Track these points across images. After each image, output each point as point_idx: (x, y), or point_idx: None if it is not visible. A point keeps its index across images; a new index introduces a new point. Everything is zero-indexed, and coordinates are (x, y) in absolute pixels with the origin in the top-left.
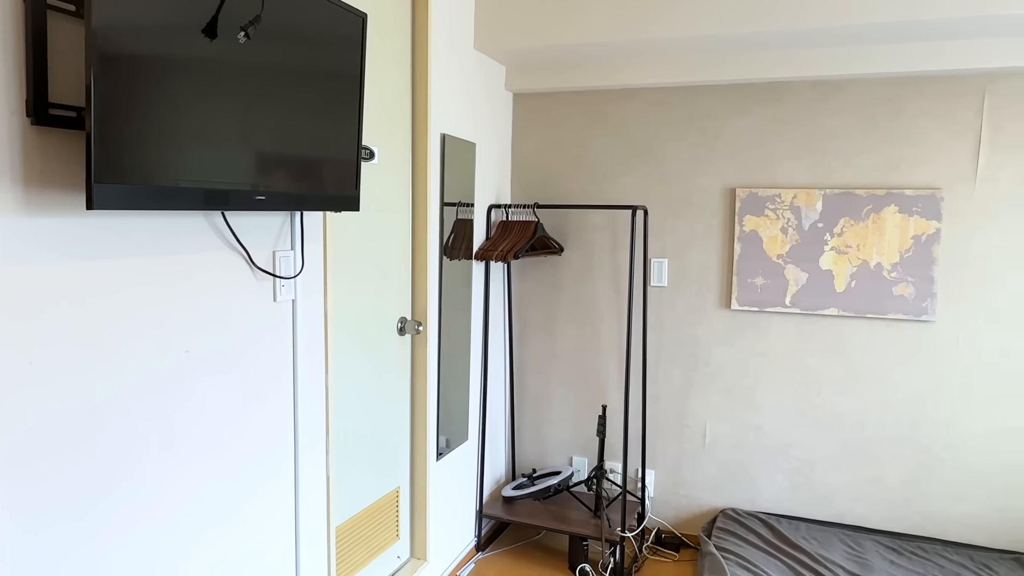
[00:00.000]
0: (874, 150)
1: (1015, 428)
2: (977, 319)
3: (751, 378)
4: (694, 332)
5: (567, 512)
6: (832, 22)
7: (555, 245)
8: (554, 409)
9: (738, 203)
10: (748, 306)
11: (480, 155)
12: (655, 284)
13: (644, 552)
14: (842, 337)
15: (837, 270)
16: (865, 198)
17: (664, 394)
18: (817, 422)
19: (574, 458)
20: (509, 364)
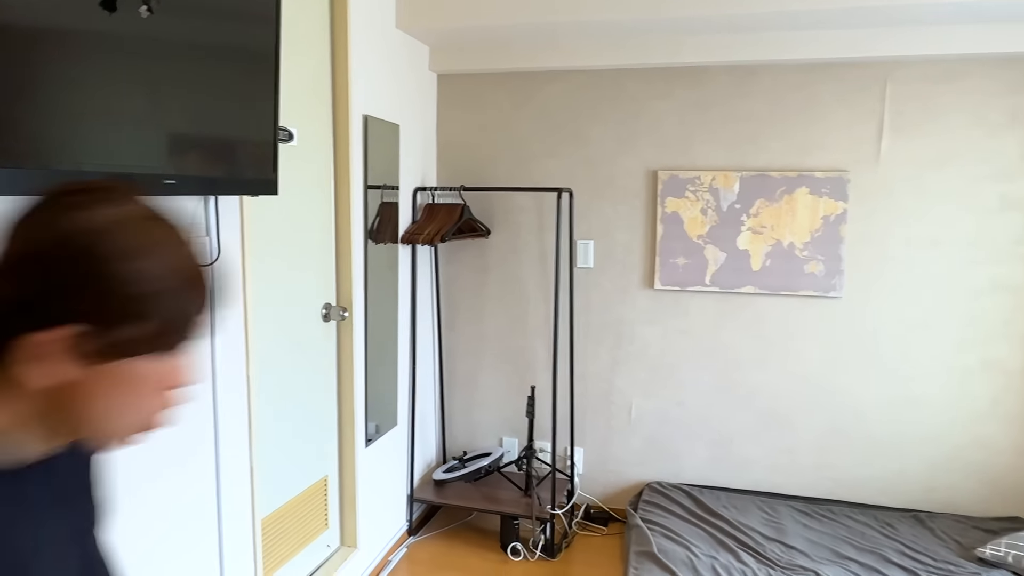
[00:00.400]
0: (787, 134)
1: (911, 396)
2: (879, 294)
3: (674, 355)
4: (619, 312)
5: (498, 492)
6: (745, 9)
7: (482, 228)
8: (484, 391)
9: (660, 185)
10: (670, 285)
11: (404, 137)
12: (581, 265)
13: (574, 528)
14: (758, 314)
15: (753, 249)
16: (779, 180)
17: (591, 373)
18: (735, 396)
19: (504, 439)
20: (438, 348)
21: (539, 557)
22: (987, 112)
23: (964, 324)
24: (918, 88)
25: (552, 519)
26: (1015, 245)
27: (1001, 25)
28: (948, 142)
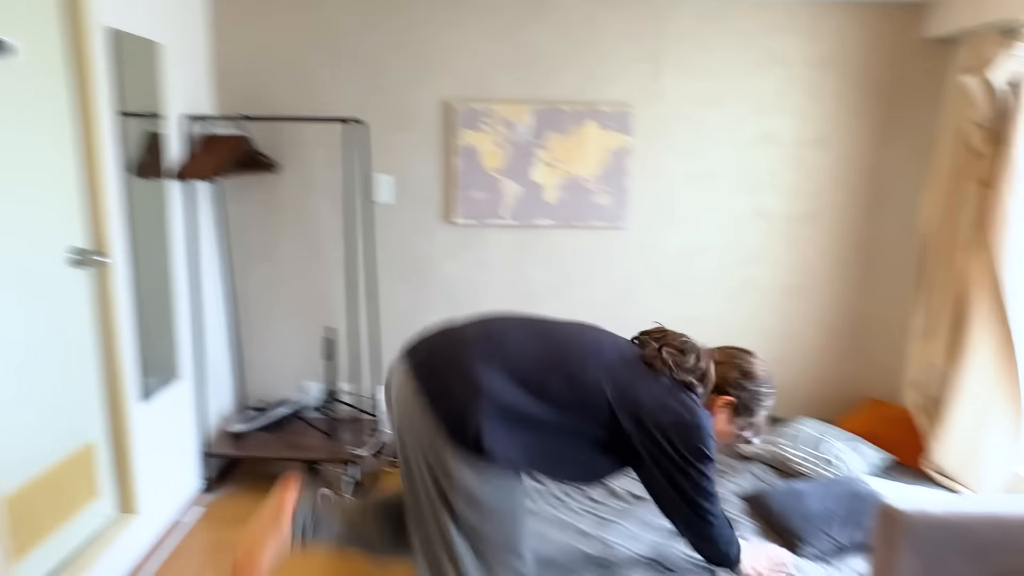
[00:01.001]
0: (576, 67)
1: (694, 316)
2: (661, 224)
3: (476, 289)
4: (420, 248)
5: (302, 440)
6: None
7: (269, 162)
8: (283, 337)
9: (455, 117)
10: (470, 220)
11: (169, 58)
12: (379, 201)
13: (382, 467)
14: (553, 245)
15: (547, 182)
16: (569, 113)
17: (394, 311)
18: None
19: (307, 384)
20: (229, 293)
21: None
22: (749, 52)
23: (730, 249)
24: (691, 27)
25: (357, 460)
26: (770, 176)
27: None
28: (718, 80)
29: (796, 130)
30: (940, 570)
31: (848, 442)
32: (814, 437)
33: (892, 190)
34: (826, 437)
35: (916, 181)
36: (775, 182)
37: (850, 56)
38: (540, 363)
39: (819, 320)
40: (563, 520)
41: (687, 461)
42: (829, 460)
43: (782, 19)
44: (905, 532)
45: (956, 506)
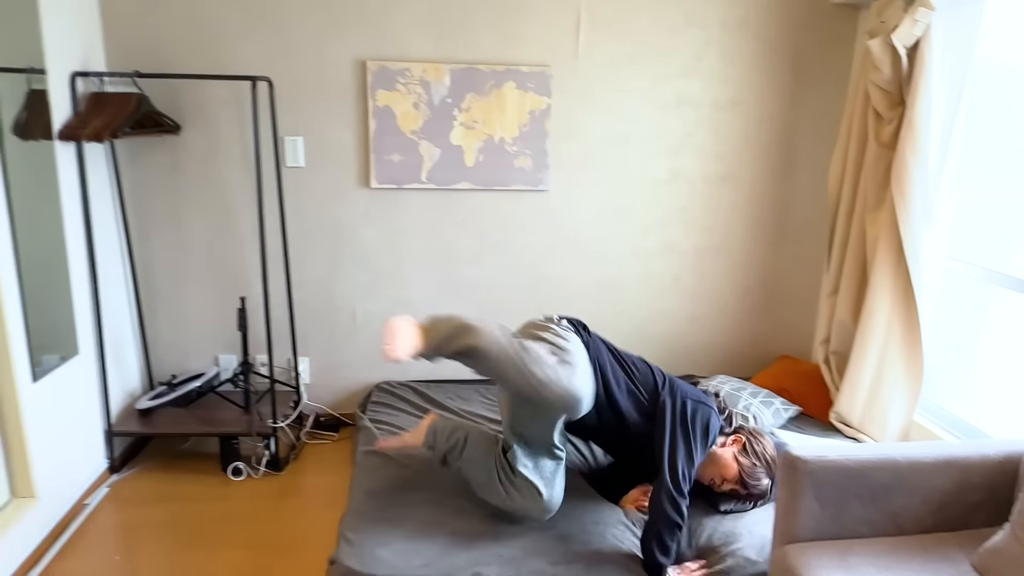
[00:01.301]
0: (495, 26)
1: (614, 277)
2: (581, 185)
3: (395, 255)
4: (336, 213)
5: (217, 414)
6: None
7: (169, 123)
8: (192, 308)
9: (370, 77)
10: (387, 184)
11: (47, 7)
12: (291, 164)
13: (303, 438)
14: (473, 209)
15: (466, 145)
16: (488, 74)
17: (310, 279)
18: (457, 291)
19: (220, 357)
20: (130, 263)
21: (264, 473)
22: (666, 12)
23: (648, 211)
24: None
25: (275, 432)
26: (687, 137)
27: None
28: (636, 42)
29: (712, 92)
30: (840, 513)
31: (761, 398)
32: (730, 394)
33: (803, 152)
34: (741, 393)
35: (826, 143)
36: (691, 144)
37: (763, 19)
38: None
39: (734, 280)
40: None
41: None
42: (744, 416)
43: None
44: (807, 479)
45: (854, 453)
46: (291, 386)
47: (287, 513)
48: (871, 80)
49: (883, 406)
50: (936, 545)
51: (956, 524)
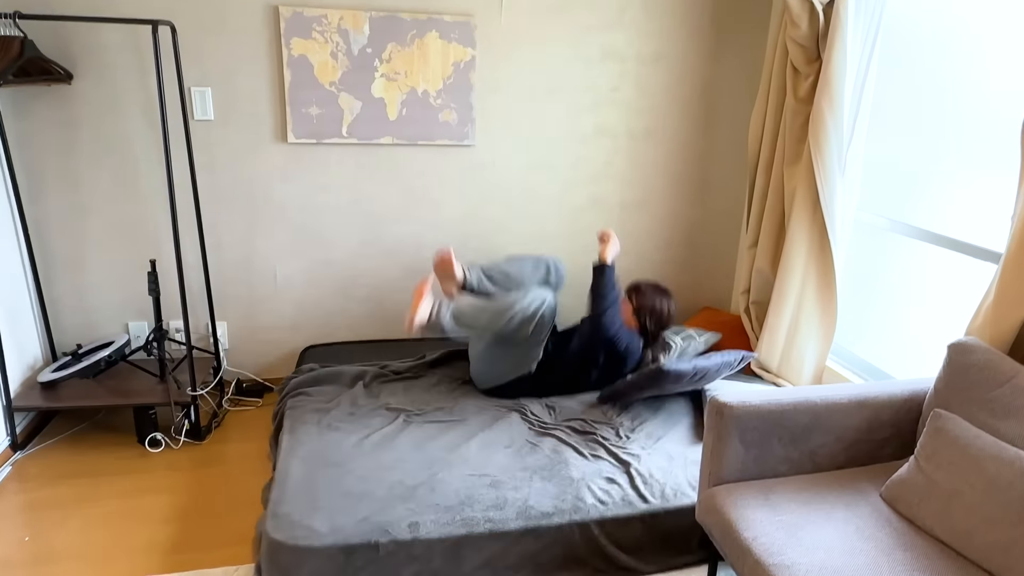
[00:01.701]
0: None
1: (541, 232)
2: (508, 140)
3: (316, 213)
4: (252, 170)
5: (129, 384)
6: None
7: (59, 71)
8: (97, 273)
9: (283, 23)
10: (306, 138)
11: None
12: (200, 118)
13: (225, 406)
14: (397, 165)
15: (389, 97)
16: (409, 22)
17: (227, 240)
18: (382, 250)
19: (131, 324)
20: (22, 226)
21: (185, 443)
22: None
23: (575, 166)
24: None
25: (195, 401)
26: (612, 92)
27: None
28: None
29: (636, 46)
30: (762, 454)
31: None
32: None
33: (724, 106)
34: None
35: (746, 98)
36: (616, 98)
37: None
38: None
39: (658, 234)
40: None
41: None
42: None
43: None
44: (732, 424)
45: (776, 398)
46: (209, 352)
47: (211, 483)
48: (789, 36)
49: (800, 352)
50: (849, 480)
51: (866, 459)
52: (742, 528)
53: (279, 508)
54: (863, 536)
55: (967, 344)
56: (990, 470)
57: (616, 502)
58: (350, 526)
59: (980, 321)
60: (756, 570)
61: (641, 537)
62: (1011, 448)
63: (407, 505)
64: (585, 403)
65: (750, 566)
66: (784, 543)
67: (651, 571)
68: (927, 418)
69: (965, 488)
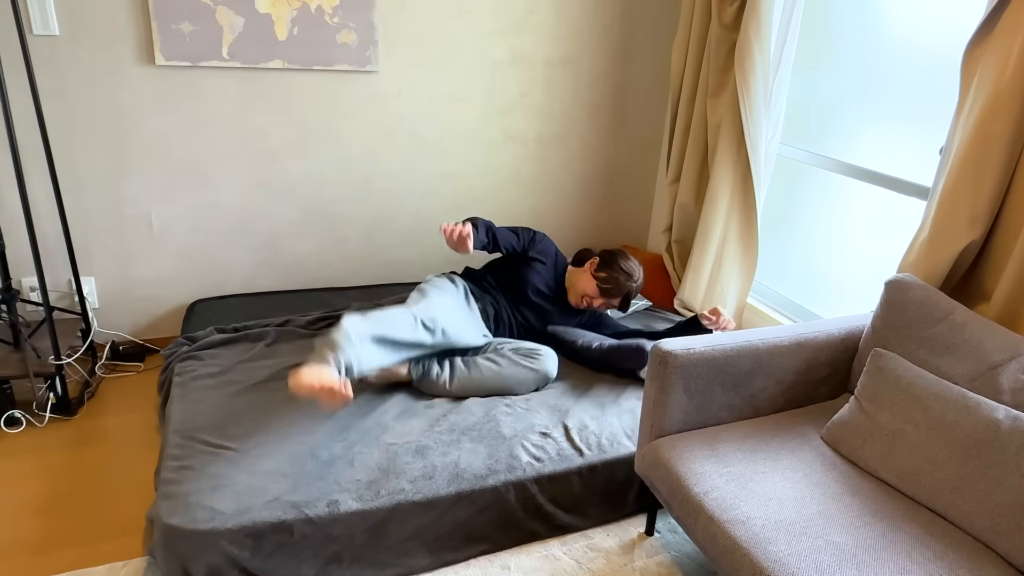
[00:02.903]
0: None
1: (454, 170)
2: (415, 67)
3: (197, 148)
4: (114, 98)
5: None
6: None
7: None
8: None
9: None
10: (178, 60)
11: None
12: (40, 33)
13: (99, 373)
14: (290, 93)
15: (276, 13)
16: None
17: (87, 183)
18: (276, 191)
19: None
20: None
21: (51, 420)
22: None
23: (489, 97)
24: None
25: (60, 371)
26: (527, 15)
27: None
28: None
29: None
30: (705, 403)
31: None
32: None
33: (642, 32)
34: None
35: (668, 25)
36: (532, 22)
37: None
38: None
39: (574, 170)
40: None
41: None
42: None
43: None
44: (676, 373)
45: (718, 343)
46: (76, 313)
47: (87, 465)
48: None
49: (722, 290)
50: (789, 423)
51: (804, 400)
52: (692, 483)
53: (173, 488)
54: (811, 483)
55: (904, 281)
56: (934, 409)
57: (552, 457)
58: (258, 506)
59: (914, 257)
60: (709, 527)
61: (579, 492)
62: (954, 387)
63: (323, 481)
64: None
65: (703, 523)
66: (736, 496)
67: (588, 527)
68: (865, 357)
69: (909, 428)
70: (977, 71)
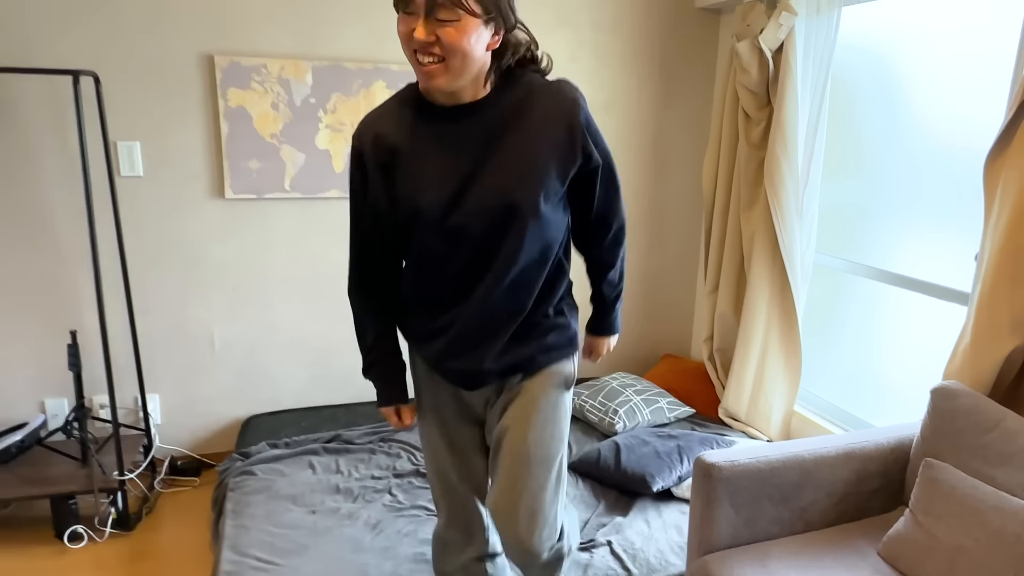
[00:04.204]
0: (360, 20)
1: None
2: None
3: (258, 272)
4: (185, 228)
5: (46, 470)
6: None
7: None
8: (9, 346)
9: (219, 73)
10: (245, 193)
11: None
12: (127, 174)
13: (157, 488)
14: (343, 219)
15: (334, 149)
16: (354, 72)
17: (157, 305)
18: (330, 309)
19: (48, 402)
20: None
21: (111, 535)
22: (538, 11)
23: None
24: None
25: (123, 486)
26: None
27: None
28: None
29: (588, 94)
30: (753, 517)
31: (645, 396)
32: (615, 390)
33: (676, 153)
34: (626, 390)
35: (698, 144)
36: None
37: (632, 22)
38: None
39: None
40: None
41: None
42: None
43: None
44: (722, 486)
45: (763, 454)
46: (139, 429)
47: None
48: (739, 82)
49: (767, 399)
50: (843, 537)
51: (857, 513)
52: None
53: None
54: None
55: (950, 388)
56: (994, 523)
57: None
58: None
59: (958, 363)
60: None
61: None
62: (1013, 499)
63: None
64: None
65: None
66: None
67: None
68: (917, 467)
69: (969, 543)
70: (1000, 182)
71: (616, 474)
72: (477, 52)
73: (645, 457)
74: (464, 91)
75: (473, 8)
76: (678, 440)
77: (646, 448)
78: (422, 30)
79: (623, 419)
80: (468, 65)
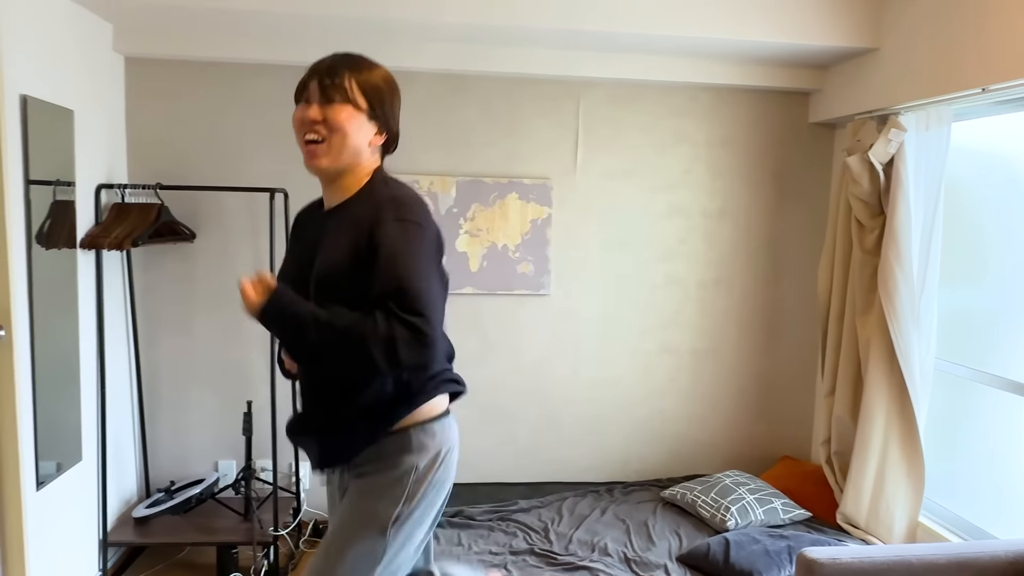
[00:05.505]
0: (498, 142)
1: (613, 377)
2: (581, 290)
3: None
4: None
5: (215, 522)
6: (456, 18)
7: (185, 231)
8: (195, 412)
9: None
10: None
11: (82, 126)
12: None
13: (301, 547)
14: (478, 313)
15: (471, 252)
16: (491, 185)
17: None
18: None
19: (220, 462)
20: (136, 368)
21: None
22: (657, 131)
23: (646, 314)
24: (605, 107)
25: (275, 541)
26: (680, 244)
27: (664, 57)
28: (629, 156)
29: (701, 203)
30: None
31: (759, 495)
32: (728, 487)
33: (790, 258)
34: (740, 489)
35: (812, 249)
36: (684, 251)
37: (746, 137)
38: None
39: (729, 381)
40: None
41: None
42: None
43: (685, 103)
44: None
45: (868, 555)
46: (291, 492)
47: None
48: (851, 192)
49: (888, 506)
50: None
51: None
52: None
53: None
54: None
55: None
56: None
57: None
58: None
59: None
60: None
61: None
62: None
63: None
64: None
65: None
66: None
67: None
68: None
69: None
70: None
71: (724, 569)
72: (357, 138)
73: (754, 555)
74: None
75: (358, 101)
76: (789, 541)
77: (756, 546)
78: (316, 111)
79: (735, 516)
80: (347, 146)
